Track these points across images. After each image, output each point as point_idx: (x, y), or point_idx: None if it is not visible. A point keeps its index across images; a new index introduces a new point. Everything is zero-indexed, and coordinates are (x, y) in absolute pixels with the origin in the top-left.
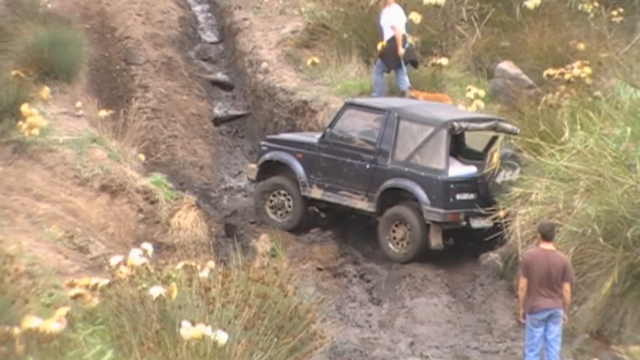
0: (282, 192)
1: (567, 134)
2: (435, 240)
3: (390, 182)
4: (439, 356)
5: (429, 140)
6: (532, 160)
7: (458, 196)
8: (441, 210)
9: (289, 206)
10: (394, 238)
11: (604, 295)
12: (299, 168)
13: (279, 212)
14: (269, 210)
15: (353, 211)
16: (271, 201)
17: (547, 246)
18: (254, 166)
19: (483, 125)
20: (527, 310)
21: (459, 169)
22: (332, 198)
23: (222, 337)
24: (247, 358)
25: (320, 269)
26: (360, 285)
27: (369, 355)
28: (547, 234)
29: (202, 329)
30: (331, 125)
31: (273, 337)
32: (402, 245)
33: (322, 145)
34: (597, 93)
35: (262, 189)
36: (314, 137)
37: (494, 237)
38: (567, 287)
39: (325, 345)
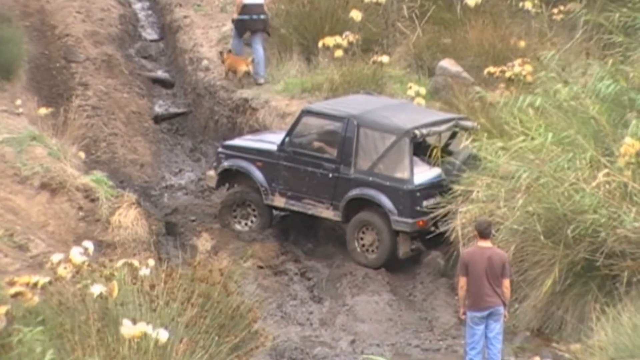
0: (246, 201)
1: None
2: (404, 249)
3: (355, 192)
4: (380, 354)
5: (392, 149)
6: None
7: (425, 202)
8: (409, 220)
9: (254, 215)
10: (363, 245)
11: (545, 293)
12: (259, 176)
13: (244, 222)
14: (233, 221)
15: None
16: (235, 211)
17: (485, 244)
18: (213, 173)
19: (444, 127)
20: (467, 308)
21: (424, 174)
22: (295, 207)
23: (163, 336)
24: (188, 356)
25: (261, 267)
26: (301, 284)
27: (310, 353)
28: (483, 232)
29: (143, 327)
30: (289, 133)
31: (214, 335)
32: (372, 251)
33: (282, 154)
34: (538, 90)
35: (226, 198)
36: (272, 144)
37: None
38: (506, 283)
39: (267, 343)
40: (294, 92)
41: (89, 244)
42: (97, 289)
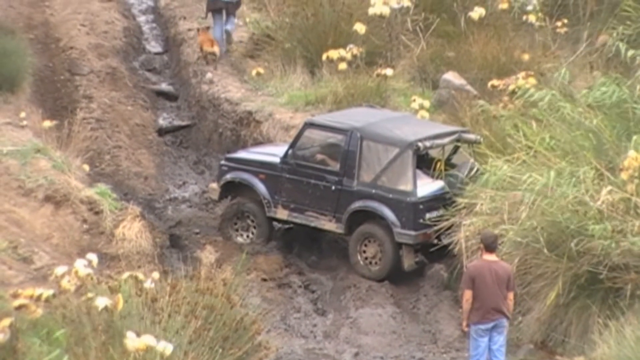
0: (245, 212)
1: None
2: (408, 262)
3: (358, 204)
4: None
5: (395, 162)
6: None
7: (428, 215)
8: (412, 232)
9: (254, 226)
10: (366, 257)
11: (549, 305)
12: (262, 189)
13: (245, 234)
14: (235, 233)
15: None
16: (236, 223)
17: (491, 257)
18: (215, 186)
19: (447, 139)
20: (472, 321)
21: (427, 187)
22: (298, 219)
23: (167, 348)
24: None
25: (265, 280)
26: (305, 296)
27: None
28: (490, 245)
29: (148, 340)
30: (292, 146)
31: (218, 348)
32: (375, 263)
33: (285, 166)
34: (542, 103)
35: (226, 211)
36: (275, 156)
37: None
38: (511, 296)
39: (270, 356)
40: (298, 105)
41: (93, 257)
42: (101, 302)
